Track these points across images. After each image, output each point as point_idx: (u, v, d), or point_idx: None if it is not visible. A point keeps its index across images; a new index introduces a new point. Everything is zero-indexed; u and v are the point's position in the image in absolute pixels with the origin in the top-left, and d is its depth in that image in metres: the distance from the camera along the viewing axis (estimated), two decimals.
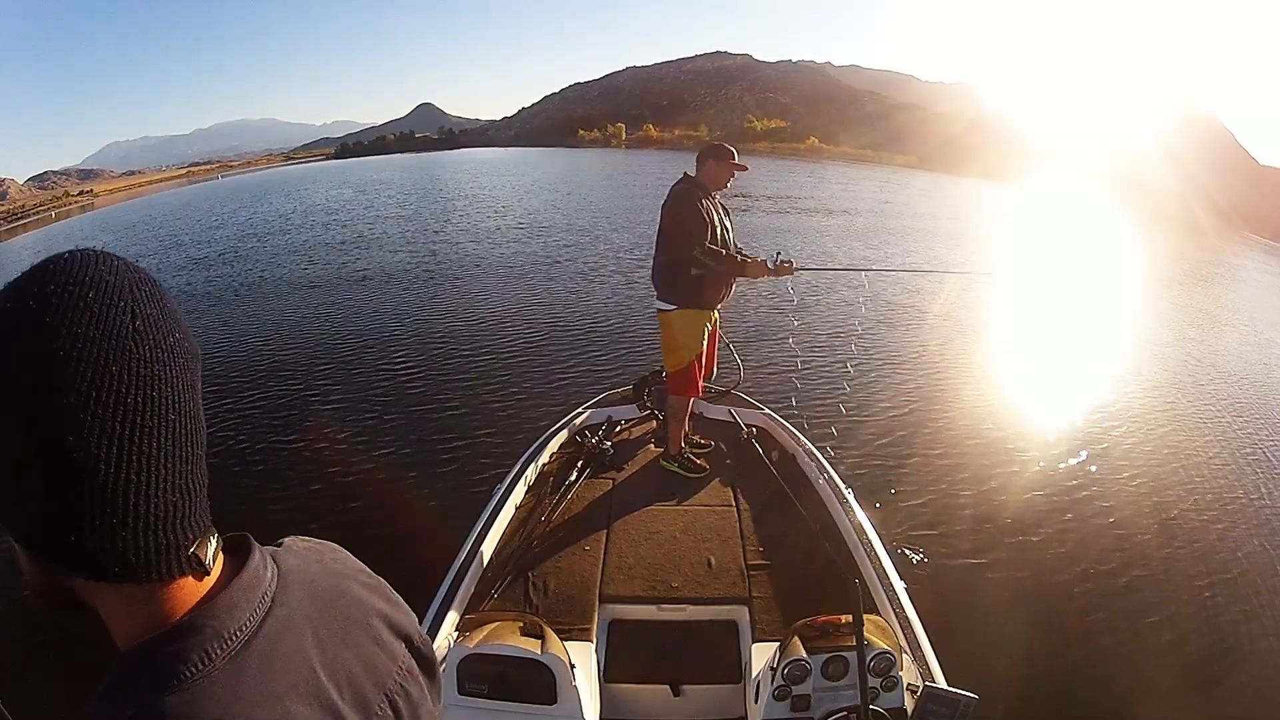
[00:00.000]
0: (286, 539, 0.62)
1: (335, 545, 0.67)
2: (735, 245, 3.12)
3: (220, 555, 0.52)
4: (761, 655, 2.00)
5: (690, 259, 2.95)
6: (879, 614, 2.20)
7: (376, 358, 7.32)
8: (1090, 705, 3.00)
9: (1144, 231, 21.80)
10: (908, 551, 3.73)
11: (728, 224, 3.09)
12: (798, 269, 3.15)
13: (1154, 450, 5.35)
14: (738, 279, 3.18)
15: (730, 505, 2.92)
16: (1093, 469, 4.98)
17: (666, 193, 3.07)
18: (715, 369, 3.45)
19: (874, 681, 1.72)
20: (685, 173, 3.10)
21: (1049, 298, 10.55)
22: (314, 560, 0.60)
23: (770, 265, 3.08)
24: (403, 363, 7.09)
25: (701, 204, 2.97)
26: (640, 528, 2.77)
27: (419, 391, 6.29)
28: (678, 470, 3.17)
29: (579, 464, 3.16)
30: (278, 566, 0.55)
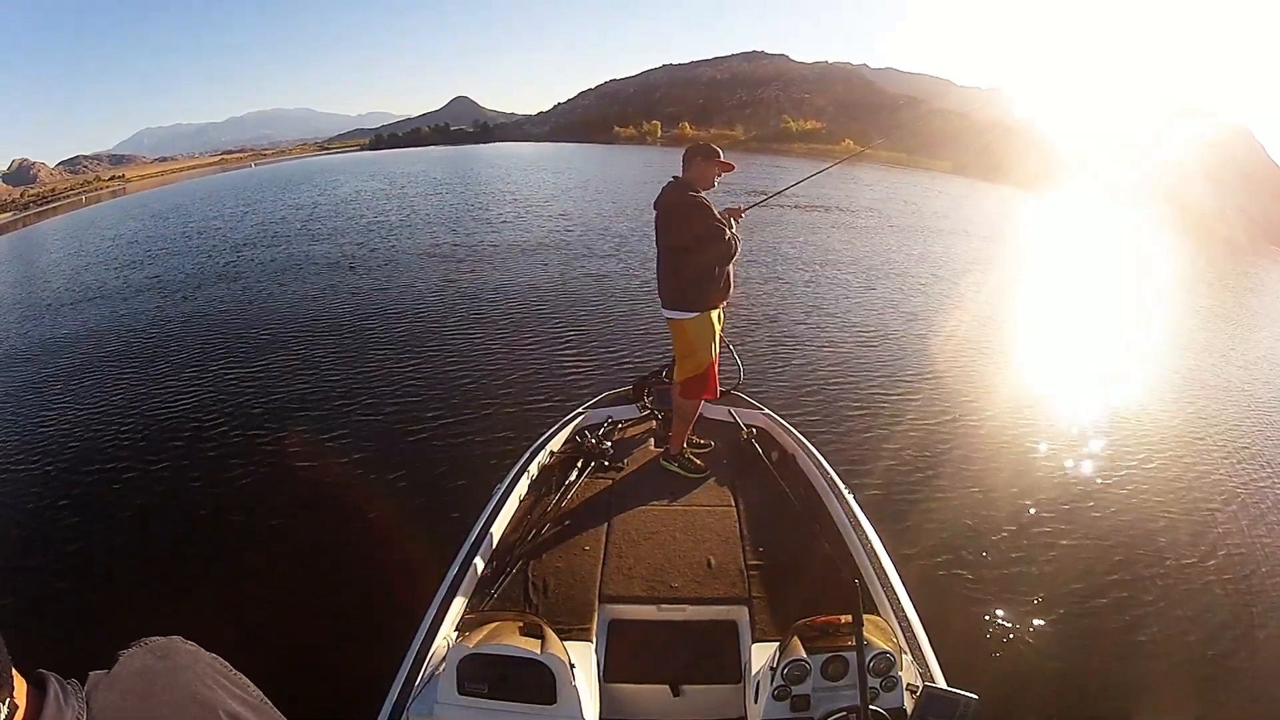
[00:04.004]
0: (124, 654, 0.57)
1: (183, 659, 0.60)
2: None
3: (23, 707, 0.47)
4: (761, 655, 2.00)
5: (717, 264, 2.99)
6: (879, 614, 2.20)
7: (377, 357, 7.31)
8: (1090, 705, 3.00)
9: (1178, 243, 21.33)
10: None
11: None
12: (744, 210, 3.26)
13: (1160, 457, 5.28)
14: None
15: (730, 505, 2.92)
16: (1097, 472, 4.97)
17: (662, 200, 3.05)
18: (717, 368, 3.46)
19: (874, 681, 1.72)
20: (674, 176, 3.08)
21: (1073, 307, 10.42)
22: (138, 693, 0.55)
23: (736, 222, 3.14)
24: (403, 362, 7.09)
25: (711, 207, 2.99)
26: (640, 528, 2.77)
27: (420, 391, 6.28)
28: (678, 470, 3.18)
29: (579, 464, 3.16)
30: (88, 708, 0.51)
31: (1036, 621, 3.40)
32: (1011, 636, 3.29)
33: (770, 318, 8.48)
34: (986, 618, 3.40)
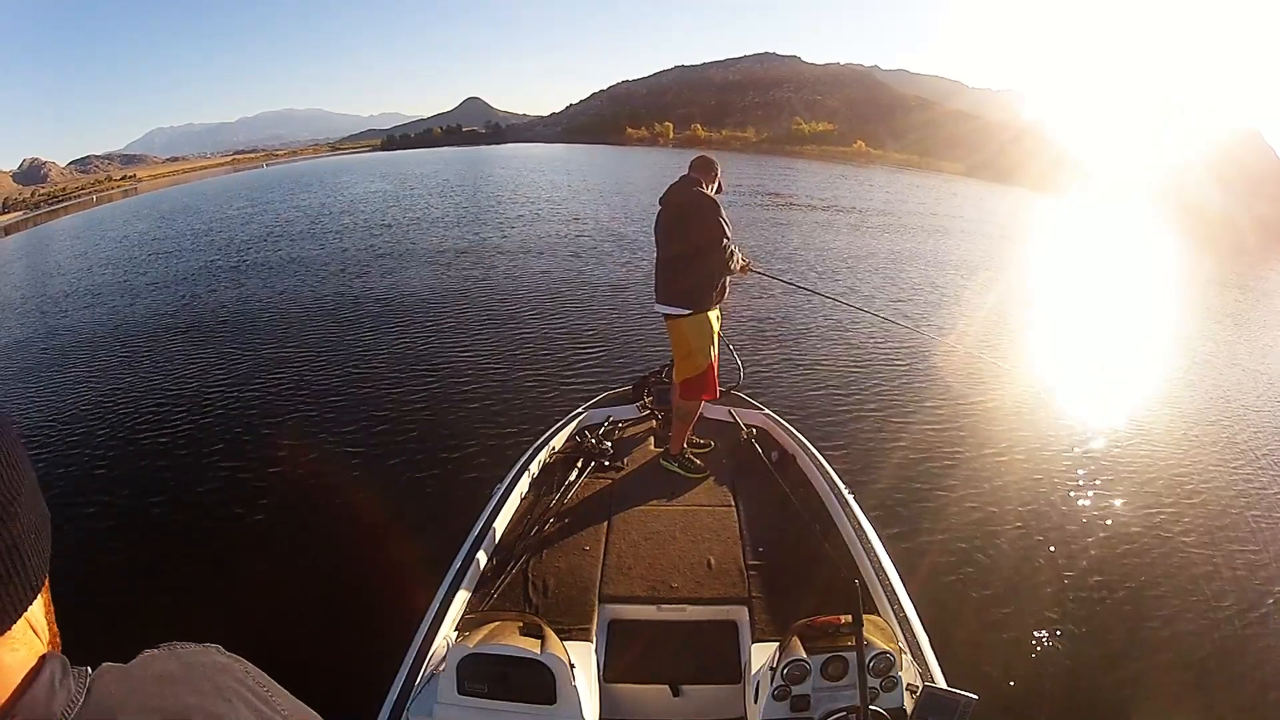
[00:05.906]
0: (149, 653, 0.54)
1: (209, 669, 0.56)
2: None
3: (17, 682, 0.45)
4: (761, 655, 2.00)
5: (719, 267, 3.04)
6: (879, 614, 2.20)
7: (380, 356, 7.32)
8: (1090, 705, 3.00)
9: (1187, 246, 21.13)
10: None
11: None
12: (753, 270, 3.38)
13: (1165, 461, 5.25)
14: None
15: (730, 505, 2.92)
16: (1100, 474, 4.95)
17: (671, 197, 3.08)
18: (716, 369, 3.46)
19: (874, 682, 1.72)
20: (695, 176, 3.12)
21: (1082, 310, 10.36)
22: (148, 694, 0.51)
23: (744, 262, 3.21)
24: (405, 362, 7.10)
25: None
26: (640, 528, 2.77)
27: (420, 391, 6.28)
28: (678, 470, 3.18)
29: (579, 464, 3.16)
30: (87, 698, 0.47)
31: (1037, 621, 3.39)
32: (1012, 637, 3.29)
33: (772, 318, 8.48)
34: (987, 618, 3.40)
